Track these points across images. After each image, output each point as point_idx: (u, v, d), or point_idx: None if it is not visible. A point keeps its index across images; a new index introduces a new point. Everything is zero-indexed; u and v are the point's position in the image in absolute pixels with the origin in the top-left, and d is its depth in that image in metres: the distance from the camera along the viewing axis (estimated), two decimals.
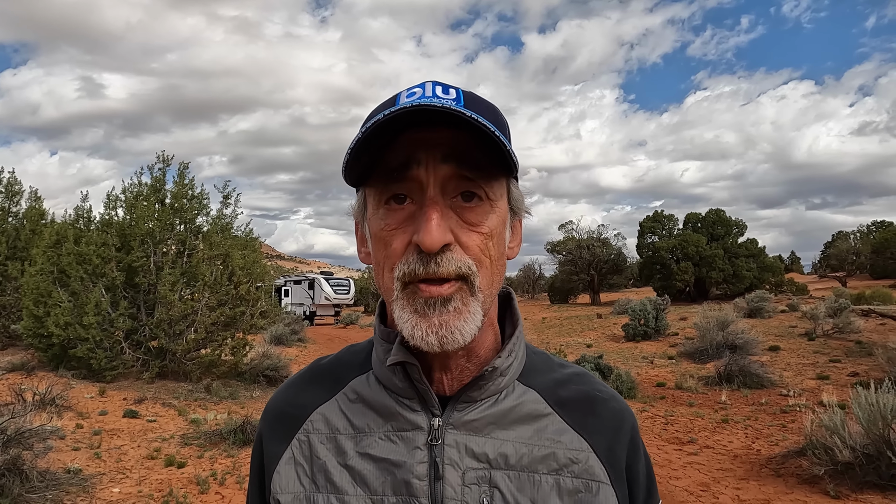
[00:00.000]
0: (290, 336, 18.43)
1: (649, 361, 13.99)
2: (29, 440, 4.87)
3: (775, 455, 5.80)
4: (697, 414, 8.43)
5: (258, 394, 9.80)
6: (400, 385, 0.72)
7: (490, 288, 0.70)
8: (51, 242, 9.85)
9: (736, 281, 33.91)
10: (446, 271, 0.65)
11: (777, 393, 9.86)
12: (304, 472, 0.74)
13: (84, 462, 5.52)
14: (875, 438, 4.66)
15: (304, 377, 0.84)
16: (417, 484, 0.69)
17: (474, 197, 0.68)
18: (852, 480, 4.69)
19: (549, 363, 0.82)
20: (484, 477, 0.70)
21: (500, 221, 0.70)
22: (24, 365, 9.55)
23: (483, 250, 0.68)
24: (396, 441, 0.72)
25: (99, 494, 4.79)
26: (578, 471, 0.71)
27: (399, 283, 0.67)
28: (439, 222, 0.64)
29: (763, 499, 4.72)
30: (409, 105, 0.62)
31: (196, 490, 4.94)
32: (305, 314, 31.49)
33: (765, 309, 19.51)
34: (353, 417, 0.75)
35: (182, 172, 10.72)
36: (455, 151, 0.66)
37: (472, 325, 0.67)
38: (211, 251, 10.34)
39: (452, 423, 0.71)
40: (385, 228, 0.68)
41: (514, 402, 0.74)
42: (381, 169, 0.68)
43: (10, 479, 4.49)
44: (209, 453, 6.07)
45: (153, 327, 9.74)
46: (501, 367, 0.73)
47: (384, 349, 0.74)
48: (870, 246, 44.37)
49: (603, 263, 38.43)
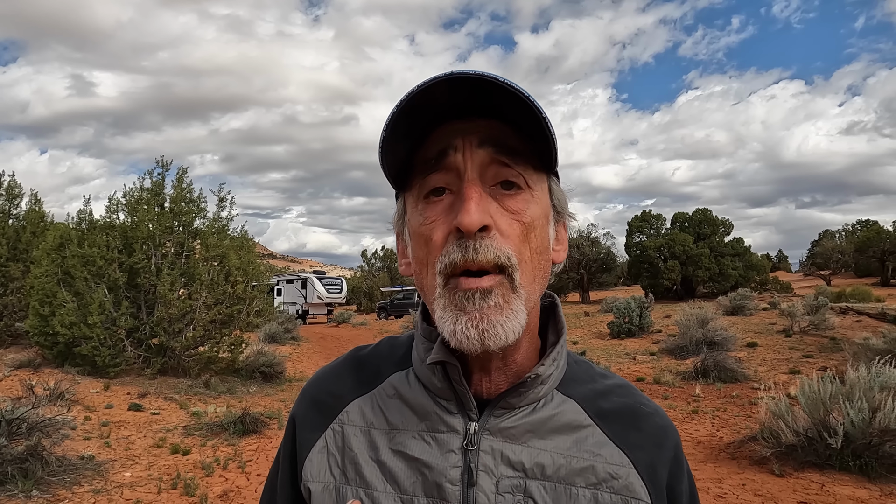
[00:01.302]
0: (283, 334, 18.81)
1: (632, 357, 14.50)
2: (47, 429, 5.30)
3: (733, 441, 6.32)
4: (671, 406, 8.95)
5: (254, 389, 10.23)
6: (439, 385, 0.71)
7: (532, 284, 0.68)
8: (55, 245, 10.26)
9: (722, 279, 34.61)
10: (485, 258, 0.63)
11: (749, 387, 10.37)
12: (336, 463, 0.74)
13: (96, 450, 5.95)
14: (816, 423, 5.18)
15: (343, 366, 0.83)
16: (450, 488, 0.68)
17: (514, 186, 0.67)
18: (795, 461, 5.21)
19: (591, 373, 0.80)
20: (519, 486, 0.68)
21: (541, 213, 0.69)
22: (31, 362, 9.97)
23: (523, 240, 0.66)
24: (430, 442, 0.71)
25: (112, 478, 5.23)
26: (618, 487, 0.69)
27: (441, 278, 0.65)
28: (478, 201, 0.63)
29: (716, 478, 5.23)
30: (444, 75, 0.60)
31: (202, 474, 5.39)
32: (298, 313, 31.86)
33: (746, 307, 20.09)
34: (389, 413, 0.75)
35: (180, 177, 11.13)
36: (491, 137, 0.65)
37: (515, 323, 0.65)
38: (208, 252, 10.77)
39: (489, 428, 0.70)
40: (424, 222, 0.67)
41: (553, 412, 0.72)
42: (418, 165, 0.68)
43: (32, 464, 4.93)
44: (211, 442, 6.51)
45: (154, 326, 10.17)
46: (543, 375, 0.71)
47: (425, 347, 0.73)
48: (853, 245, 45.24)
49: (592, 262, 39.00)
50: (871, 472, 4.89)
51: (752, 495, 4.75)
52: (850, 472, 4.99)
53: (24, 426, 5.10)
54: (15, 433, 5.09)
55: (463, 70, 0.60)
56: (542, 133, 0.64)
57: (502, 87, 0.60)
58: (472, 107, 0.64)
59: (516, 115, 0.63)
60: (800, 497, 4.66)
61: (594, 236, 40.02)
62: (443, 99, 0.62)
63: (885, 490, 4.67)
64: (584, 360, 0.82)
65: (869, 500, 4.51)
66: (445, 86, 0.60)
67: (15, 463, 4.84)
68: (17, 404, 5.57)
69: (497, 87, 0.60)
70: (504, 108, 0.63)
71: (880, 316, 16.62)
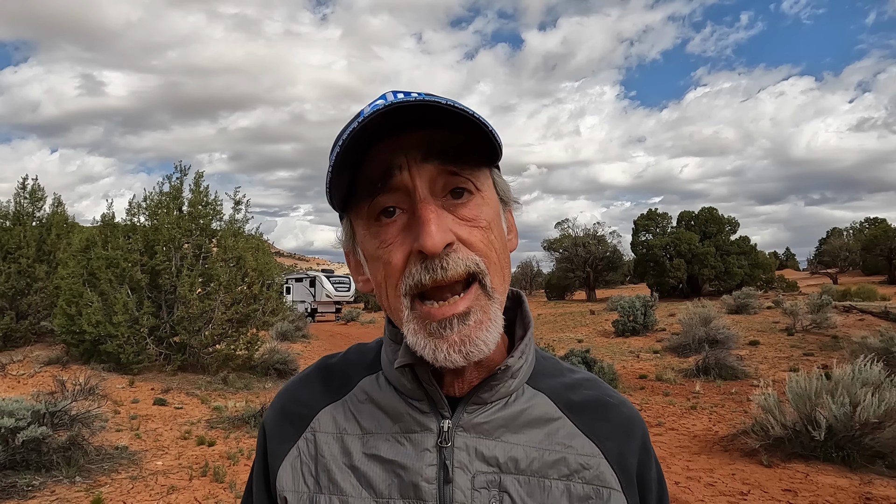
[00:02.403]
0: (294, 332, 19.26)
1: (635, 355, 14.80)
2: (86, 421, 5.72)
3: (727, 435, 6.67)
4: (670, 402, 9.29)
5: (270, 385, 10.68)
6: (409, 386, 0.72)
7: (503, 285, 0.69)
8: (81, 247, 10.74)
9: (727, 278, 34.77)
10: (455, 273, 0.63)
11: (749, 384, 10.66)
12: (310, 472, 0.74)
13: (128, 441, 6.38)
14: (802, 417, 5.52)
15: (312, 375, 0.83)
16: (426, 487, 0.68)
17: (464, 192, 0.66)
18: (782, 452, 5.56)
19: (559, 367, 0.81)
20: (494, 481, 0.69)
21: (494, 213, 0.69)
22: (59, 359, 10.46)
23: (487, 244, 0.66)
24: (405, 443, 0.71)
25: (146, 466, 5.65)
26: (589, 477, 0.70)
27: (407, 300, 0.65)
28: (437, 221, 0.63)
29: (708, 468, 5.58)
30: (383, 106, 0.60)
31: (228, 463, 5.80)
32: (307, 311, 32.34)
33: (751, 305, 20.27)
34: (362, 418, 0.75)
35: (198, 181, 11.57)
36: (434, 149, 0.64)
37: (495, 333, 0.66)
38: (225, 254, 11.22)
39: (462, 425, 0.70)
40: (381, 246, 0.66)
41: (525, 406, 0.73)
42: (362, 186, 0.66)
43: (74, 453, 5.36)
44: (234, 434, 6.93)
45: (174, 324, 10.64)
46: (513, 368, 0.72)
47: (393, 350, 0.73)
48: (861, 243, 45.22)
49: (598, 261, 39.27)
50: (852, 462, 5.23)
51: (741, 484, 5.10)
52: (833, 463, 5.33)
53: (66, 418, 5.53)
54: (57, 424, 5.52)
55: (406, 98, 0.61)
56: (482, 135, 0.64)
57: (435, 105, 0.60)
58: (408, 122, 0.62)
59: (455, 123, 0.63)
60: (785, 486, 5.01)
61: (600, 235, 40.30)
62: (381, 123, 0.61)
63: (864, 479, 5.01)
64: (551, 356, 0.84)
65: (849, 489, 4.85)
66: (385, 116, 0.60)
67: (59, 452, 5.27)
68: (54, 398, 6.01)
69: (429, 105, 0.60)
70: (442, 120, 0.62)
71: (883, 315, 16.81)
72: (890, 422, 5.09)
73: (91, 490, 4.90)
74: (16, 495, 4.66)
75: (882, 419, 5.08)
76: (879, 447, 5.16)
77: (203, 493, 4.94)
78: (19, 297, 13.18)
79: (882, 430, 5.11)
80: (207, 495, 4.90)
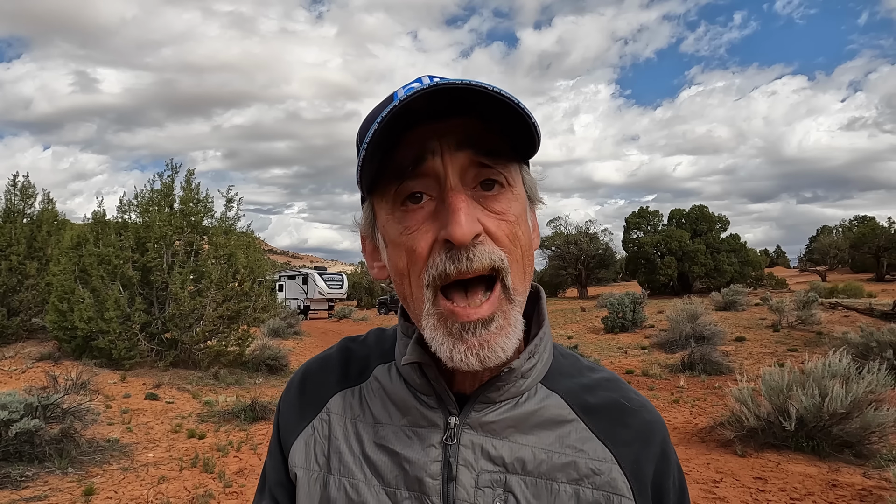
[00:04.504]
0: (286, 329, 19.36)
1: (623, 351, 14.99)
2: (78, 414, 5.84)
3: (706, 427, 6.85)
4: (654, 396, 9.48)
5: (261, 380, 10.80)
6: (418, 381, 0.71)
7: (523, 284, 0.68)
8: (72, 244, 10.82)
9: (718, 275, 35.06)
10: (480, 266, 0.62)
11: (732, 379, 10.83)
12: (322, 452, 0.75)
13: (119, 434, 6.50)
14: (775, 408, 5.71)
15: (333, 358, 0.83)
16: (430, 482, 0.68)
17: (495, 184, 0.65)
18: (756, 443, 5.75)
19: (578, 366, 0.79)
20: (499, 480, 0.68)
21: (522, 209, 0.68)
22: (51, 355, 10.55)
23: (513, 240, 0.65)
24: (412, 436, 0.71)
25: (137, 458, 5.77)
26: (600, 483, 0.69)
27: (429, 291, 0.64)
28: (468, 211, 0.61)
29: (684, 458, 5.75)
30: (427, 86, 0.58)
31: (218, 455, 5.93)
32: (299, 308, 32.42)
33: (739, 302, 20.49)
34: (374, 407, 0.75)
35: (189, 178, 11.66)
36: (469, 138, 0.63)
37: (514, 339, 0.65)
38: (216, 252, 11.32)
39: (469, 423, 0.70)
40: (405, 232, 0.65)
41: (536, 406, 0.71)
42: (392, 169, 0.64)
43: (66, 445, 5.48)
44: (224, 428, 7.05)
45: (166, 321, 10.74)
46: (521, 369, 0.70)
47: (404, 344, 0.73)
48: (849, 241, 45.73)
49: (590, 258, 39.49)
50: (821, 451, 5.42)
51: (714, 472, 5.28)
52: (803, 452, 5.52)
53: (58, 411, 5.65)
54: (50, 417, 5.63)
55: (448, 80, 0.59)
56: (523, 127, 0.62)
57: (480, 90, 0.58)
58: (446, 107, 0.61)
59: (494, 112, 0.61)
60: (757, 474, 5.20)
61: (592, 232, 40.52)
62: (421, 107, 0.60)
63: (832, 467, 5.21)
64: (572, 354, 0.82)
65: (817, 476, 5.04)
66: (426, 97, 0.58)
67: (52, 444, 5.39)
68: (47, 392, 6.12)
69: (474, 89, 0.58)
70: (480, 106, 0.61)
71: (868, 311, 17.08)
72: (857, 412, 5.29)
73: (83, 480, 5.03)
74: (9, 485, 4.78)
75: (849, 410, 5.28)
76: (847, 437, 5.36)
77: (193, 483, 5.07)
78: (10, 294, 13.24)
79: (850, 421, 5.30)
80: (197, 485, 5.03)
